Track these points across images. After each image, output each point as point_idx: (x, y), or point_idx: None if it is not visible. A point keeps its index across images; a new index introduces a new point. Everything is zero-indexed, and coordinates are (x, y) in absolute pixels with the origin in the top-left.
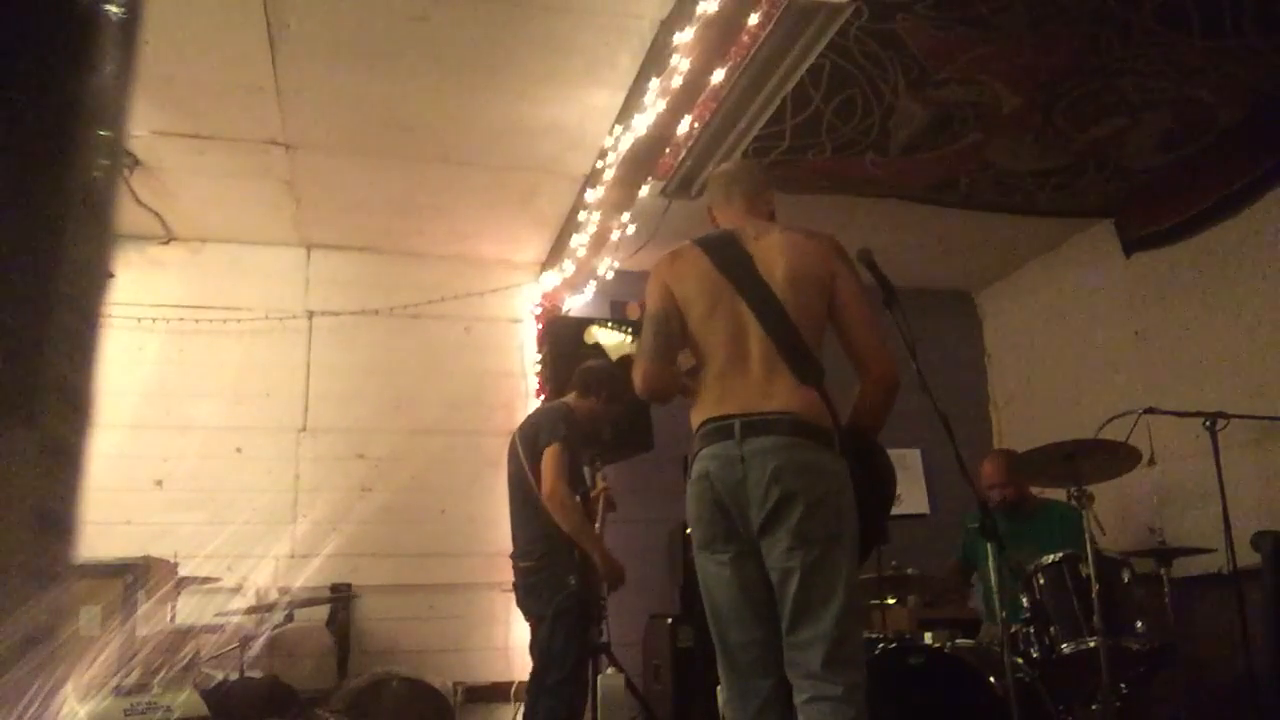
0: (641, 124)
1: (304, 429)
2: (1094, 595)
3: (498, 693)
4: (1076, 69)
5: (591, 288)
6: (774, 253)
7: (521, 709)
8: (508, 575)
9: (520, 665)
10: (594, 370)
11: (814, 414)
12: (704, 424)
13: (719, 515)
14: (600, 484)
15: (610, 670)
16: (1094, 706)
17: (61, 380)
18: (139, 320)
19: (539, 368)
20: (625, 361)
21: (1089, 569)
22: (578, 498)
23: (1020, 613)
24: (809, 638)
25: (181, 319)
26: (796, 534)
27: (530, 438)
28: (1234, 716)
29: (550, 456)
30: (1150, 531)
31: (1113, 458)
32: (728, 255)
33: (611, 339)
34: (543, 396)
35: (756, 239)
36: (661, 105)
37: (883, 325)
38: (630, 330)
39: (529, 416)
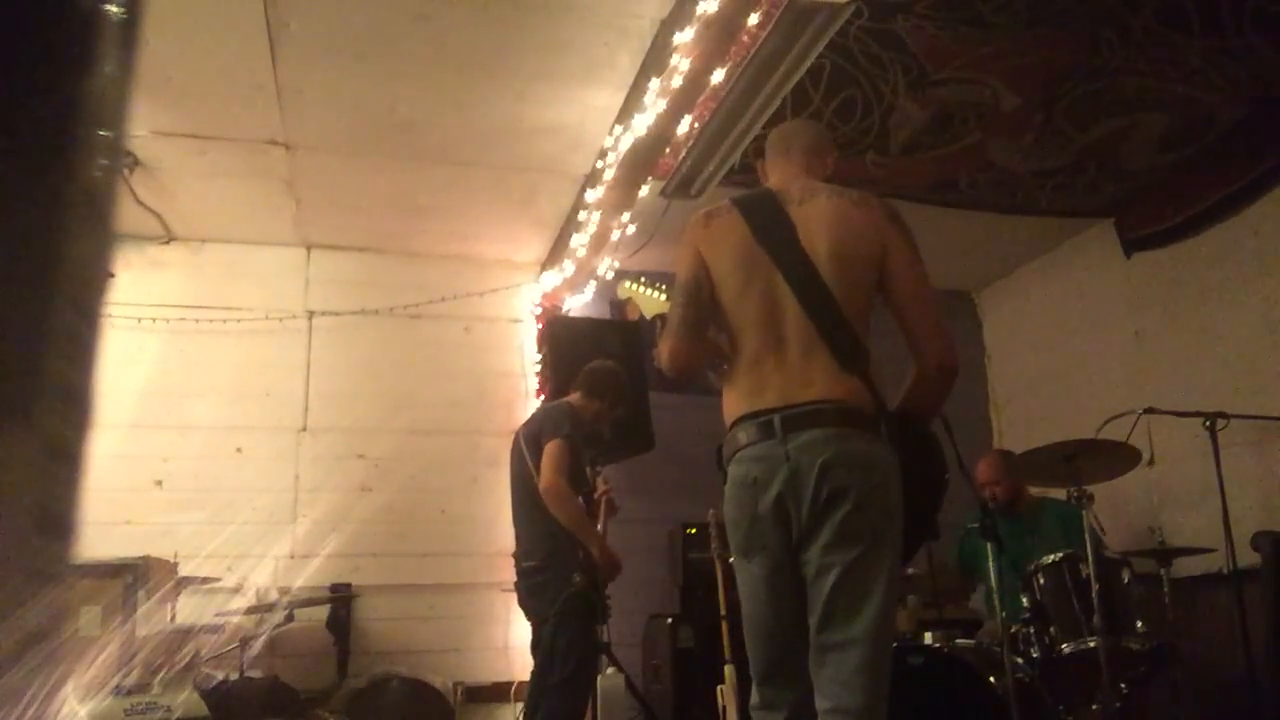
0: (641, 124)
1: (304, 429)
2: (1094, 595)
3: (498, 693)
4: (1076, 69)
5: (591, 288)
6: (820, 222)
7: (522, 709)
8: (508, 575)
9: (520, 665)
10: (599, 371)
11: (858, 401)
12: (740, 420)
13: (760, 524)
14: (602, 486)
15: (610, 670)
16: (1094, 706)
17: (61, 380)
18: (139, 320)
19: (539, 368)
20: (659, 320)
21: (1089, 569)
22: (579, 498)
23: (1020, 613)
24: (840, 640)
25: (181, 319)
26: (840, 530)
27: (534, 436)
28: (1234, 716)
29: (551, 450)
30: (1150, 531)
31: (1113, 458)
32: (768, 222)
33: (646, 295)
34: (543, 396)
35: (801, 204)
36: (661, 105)
37: (941, 303)
38: (666, 288)
39: (532, 415)
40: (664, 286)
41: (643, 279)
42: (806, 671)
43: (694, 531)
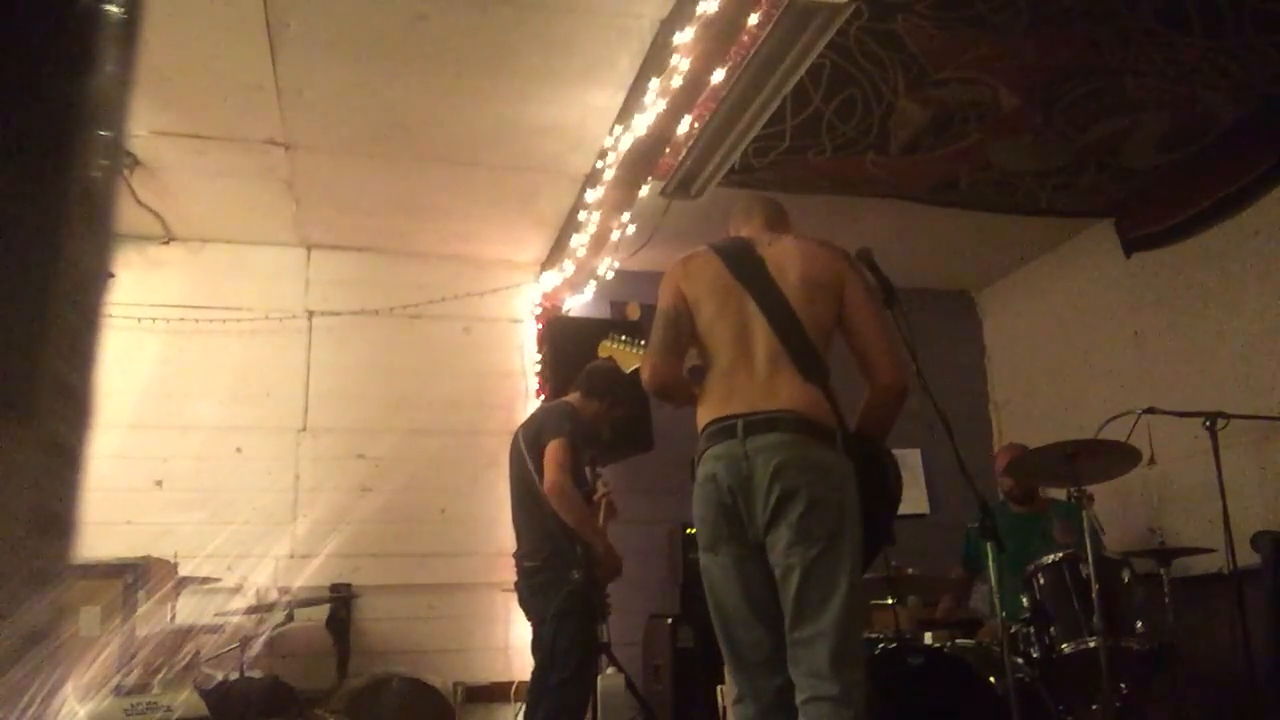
0: (641, 124)
1: (304, 429)
2: (1094, 595)
3: (498, 693)
4: (1076, 69)
5: (591, 288)
6: (786, 257)
7: (522, 709)
8: (508, 575)
9: (520, 665)
10: (599, 372)
11: (817, 412)
12: (709, 424)
13: (724, 517)
14: (601, 489)
15: (610, 670)
16: (1094, 706)
17: (61, 380)
18: (139, 320)
19: (539, 368)
20: (638, 374)
21: (1089, 569)
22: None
23: (1020, 613)
24: (809, 635)
25: (181, 319)
26: (798, 530)
27: (534, 434)
28: (1234, 716)
29: (554, 449)
30: (1150, 531)
31: (1113, 458)
32: (740, 258)
33: (626, 351)
34: (543, 397)
35: (770, 245)
36: (661, 105)
37: (892, 332)
38: (643, 343)
39: (532, 415)
40: (642, 342)
41: (623, 337)
42: (780, 661)
43: (694, 531)
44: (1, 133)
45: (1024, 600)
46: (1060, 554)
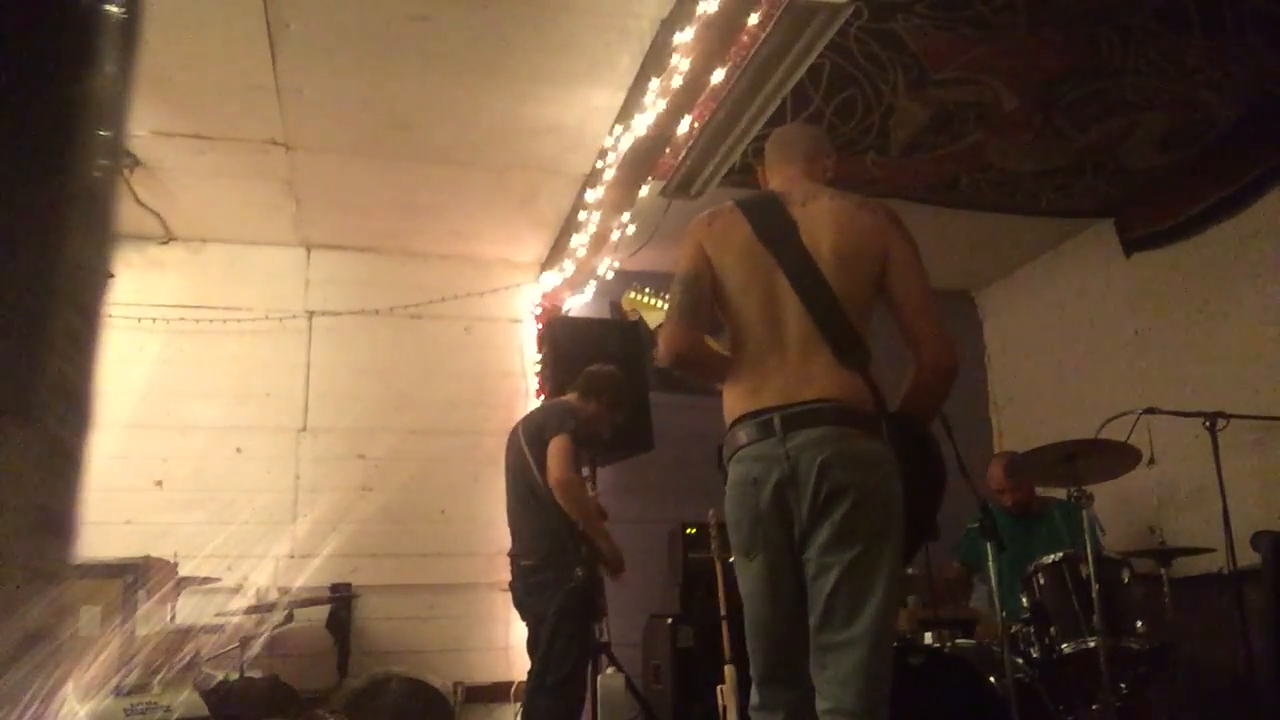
0: (641, 124)
1: (304, 429)
2: (1094, 595)
3: (498, 693)
4: (1076, 69)
5: (591, 288)
6: (822, 222)
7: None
8: (508, 575)
9: (520, 665)
10: (597, 374)
11: (858, 399)
12: (740, 419)
13: (759, 524)
14: (591, 492)
15: (610, 670)
16: (1094, 706)
17: (61, 380)
18: (139, 320)
19: (539, 368)
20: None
21: (1089, 569)
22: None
23: (1020, 613)
24: (839, 640)
25: (181, 319)
26: (841, 529)
27: (536, 431)
28: (1234, 716)
29: (559, 445)
30: (1150, 531)
31: (1113, 458)
32: (770, 221)
33: (650, 305)
34: (543, 397)
35: (804, 204)
36: (661, 105)
37: (940, 305)
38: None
39: (532, 411)
40: (668, 296)
41: (647, 289)
42: (806, 672)
43: (694, 531)
44: (2, 132)
45: (1024, 600)
46: (1060, 554)
